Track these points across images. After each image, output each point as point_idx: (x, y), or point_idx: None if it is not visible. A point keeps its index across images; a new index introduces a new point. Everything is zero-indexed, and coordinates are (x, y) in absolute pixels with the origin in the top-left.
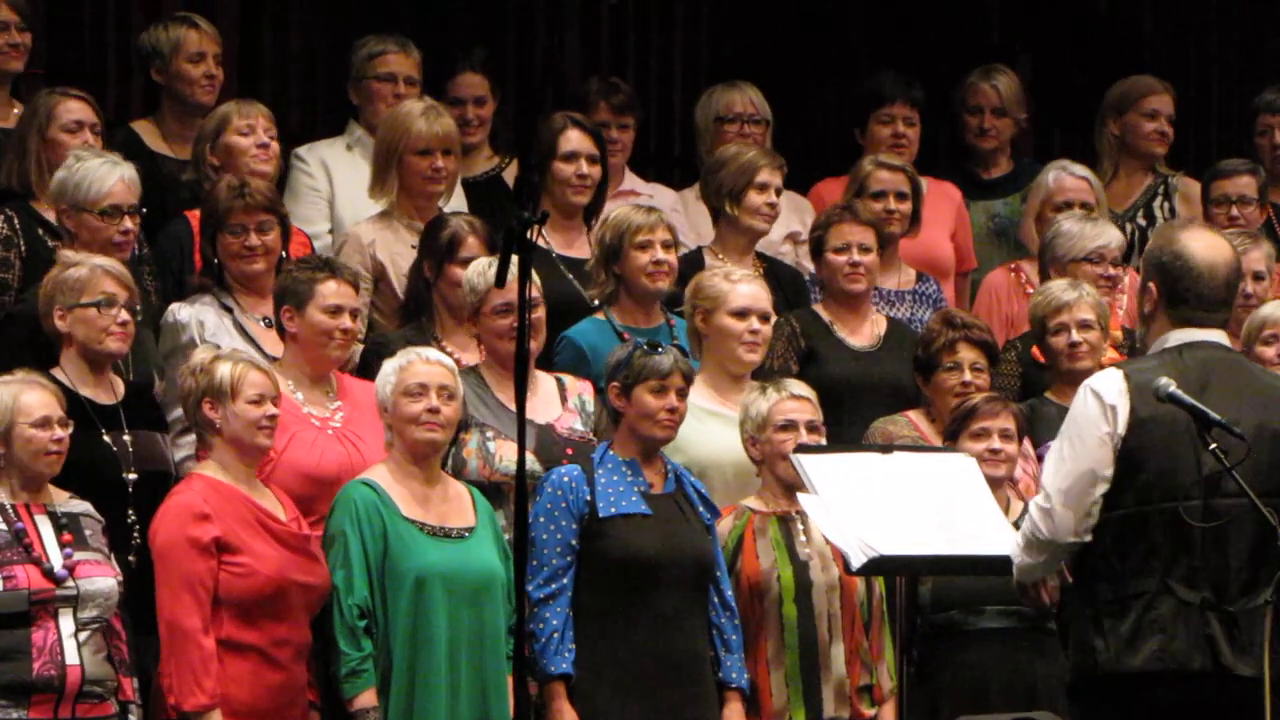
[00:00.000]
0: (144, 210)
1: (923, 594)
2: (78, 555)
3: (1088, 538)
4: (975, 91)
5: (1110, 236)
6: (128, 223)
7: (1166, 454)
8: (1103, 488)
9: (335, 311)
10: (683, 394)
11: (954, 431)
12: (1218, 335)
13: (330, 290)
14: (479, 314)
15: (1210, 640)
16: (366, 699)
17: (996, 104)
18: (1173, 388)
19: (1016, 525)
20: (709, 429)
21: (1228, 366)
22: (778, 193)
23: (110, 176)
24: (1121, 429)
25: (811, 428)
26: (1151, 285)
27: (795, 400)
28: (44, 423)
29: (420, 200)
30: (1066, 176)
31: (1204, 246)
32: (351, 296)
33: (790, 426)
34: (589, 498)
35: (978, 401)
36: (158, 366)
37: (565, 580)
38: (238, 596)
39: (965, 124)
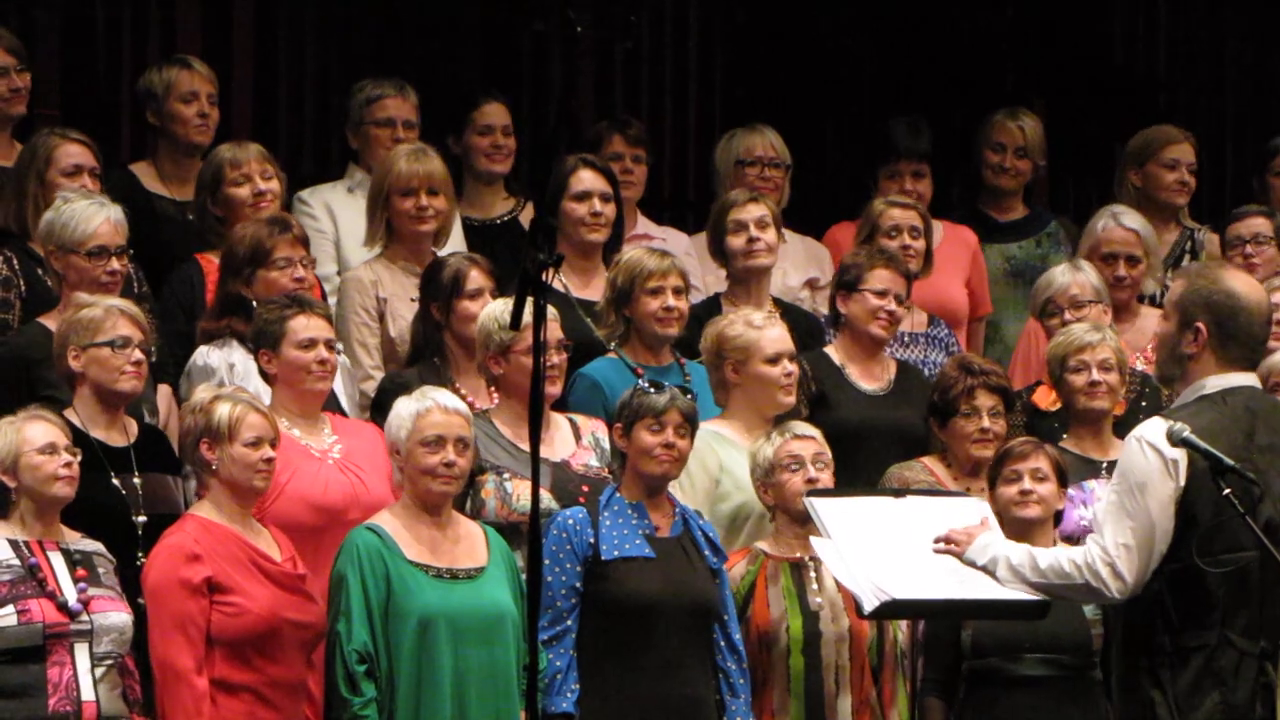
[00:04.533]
0: (131, 250)
1: (964, 639)
2: (92, 590)
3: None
4: (1001, 129)
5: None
6: (115, 263)
7: (1221, 504)
8: (1167, 541)
9: (309, 345)
10: (681, 431)
11: (993, 478)
12: (1252, 378)
13: (301, 325)
14: (509, 352)
15: (1269, 689)
16: None
17: (1020, 143)
18: (1186, 432)
19: None
20: None
21: (1266, 408)
22: (761, 224)
23: (97, 217)
24: (1182, 482)
25: (819, 463)
26: (1201, 325)
27: (800, 440)
28: (49, 449)
29: (411, 243)
30: (1116, 228)
31: (1249, 287)
32: (324, 328)
33: (798, 465)
34: (592, 540)
35: (1011, 444)
36: (149, 403)
37: (569, 621)
38: (230, 636)
39: (986, 160)
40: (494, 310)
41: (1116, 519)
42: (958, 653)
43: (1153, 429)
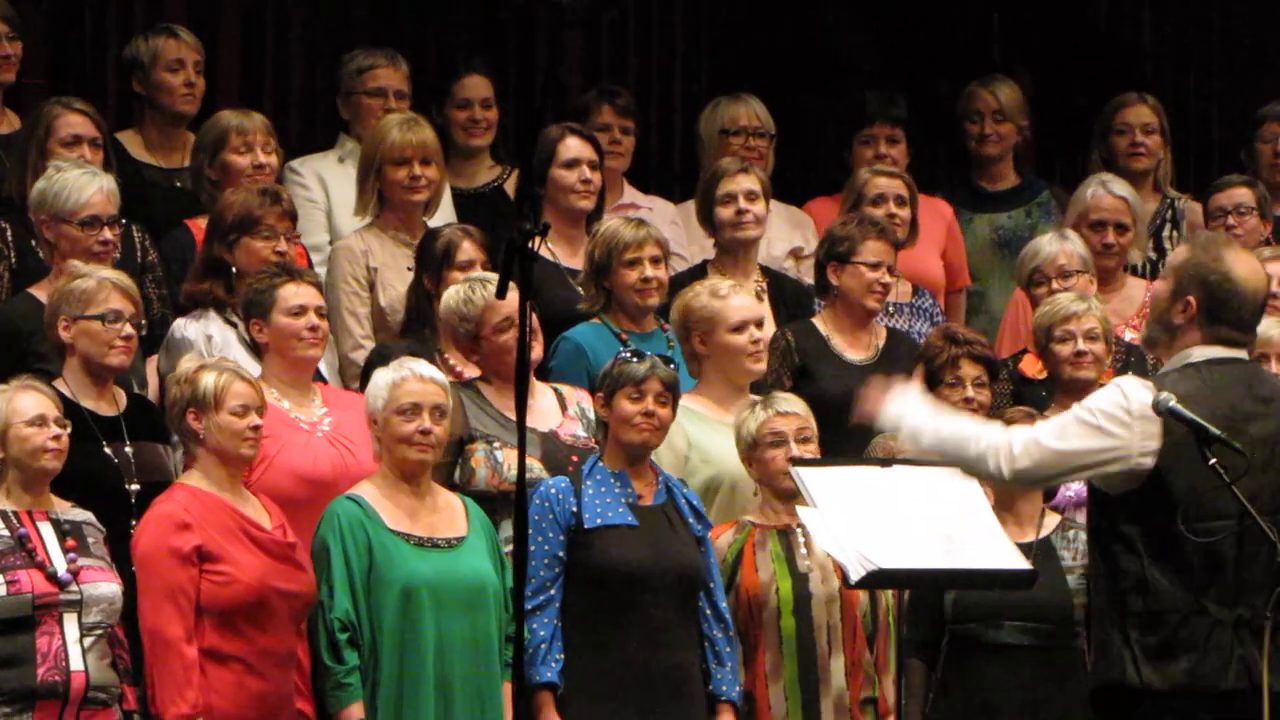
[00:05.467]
0: (123, 220)
1: (946, 603)
2: (81, 561)
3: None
4: (974, 98)
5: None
6: (107, 233)
7: (1199, 474)
8: (1081, 476)
9: (299, 312)
10: (662, 400)
11: None
12: (1240, 354)
13: (291, 293)
14: (479, 338)
15: (1243, 659)
16: (353, 711)
17: (996, 108)
18: (1173, 402)
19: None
20: (730, 441)
21: (1252, 378)
22: (751, 196)
23: (89, 187)
24: (1156, 446)
25: (802, 439)
26: (1191, 299)
27: (782, 416)
28: (39, 420)
29: (403, 212)
30: (1105, 195)
31: (1248, 271)
32: (314, 296)
33: (780, 441)
34: (575, 509)
35: (1004, 413)
36: (138, 375)
37: (553, 591)
38: (220, 605)
39: (968, 132)
40: (450, 301)
41: (1059, 431)
42: (940, 616)
43: (1138, 388)
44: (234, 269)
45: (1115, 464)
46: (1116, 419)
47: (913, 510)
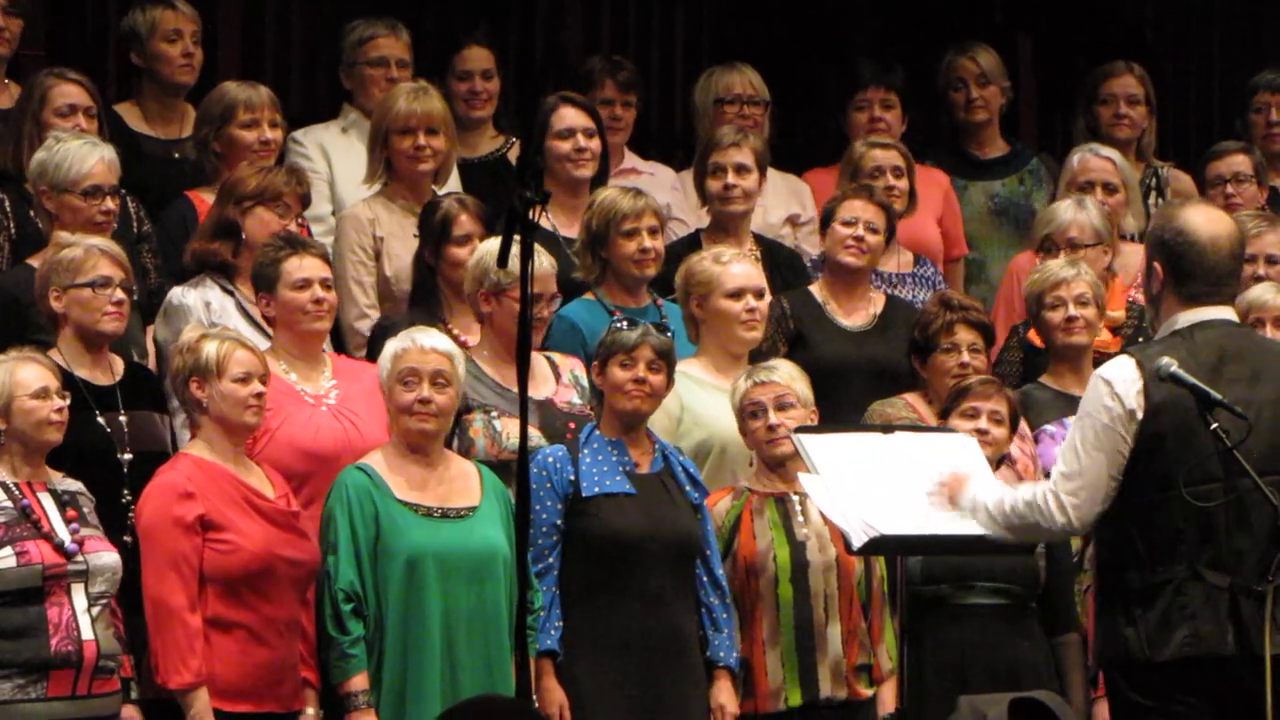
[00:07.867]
0: (123, 190)
1: (912, 566)
2: (83, 531)
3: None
4: (956, 66)
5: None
6: (109, 203)
7: (1185, 438)
8: (1116, 478)
9: (304, 285)
10: (654, 367)
11: (946, 410)
12: (1226, 312)
13: (295, 265)
14: (502, 295)
15: (1239, 623)
16: (357, 682)
17: (979, 73)
18: (1174, 368)
19: None
20: (723, 405)
21: (1239, 342)
22: (740, 170)
23: (91, 157)
24: (1139, 415)
25: (780, 406)
26: (1156, 265)
27: (760, 386)
28: (43, 393)
29: (410, 181)
30: (1091, 157)
31: (1205, 221)
32: (319, 268)
33: (759, 411)
34: (573, 477)
35: (972, 382)
36: (138, 345)
37: (551, 559)
38: (223, 574)
39: (953, 102)
40: (492, 247)
41: (1070, 455)
42: (905, 576)
43: (1114, 367)
44: (243, 234)
45: (1124, 441)
46: (1109, 410)
47: (914, 477)
